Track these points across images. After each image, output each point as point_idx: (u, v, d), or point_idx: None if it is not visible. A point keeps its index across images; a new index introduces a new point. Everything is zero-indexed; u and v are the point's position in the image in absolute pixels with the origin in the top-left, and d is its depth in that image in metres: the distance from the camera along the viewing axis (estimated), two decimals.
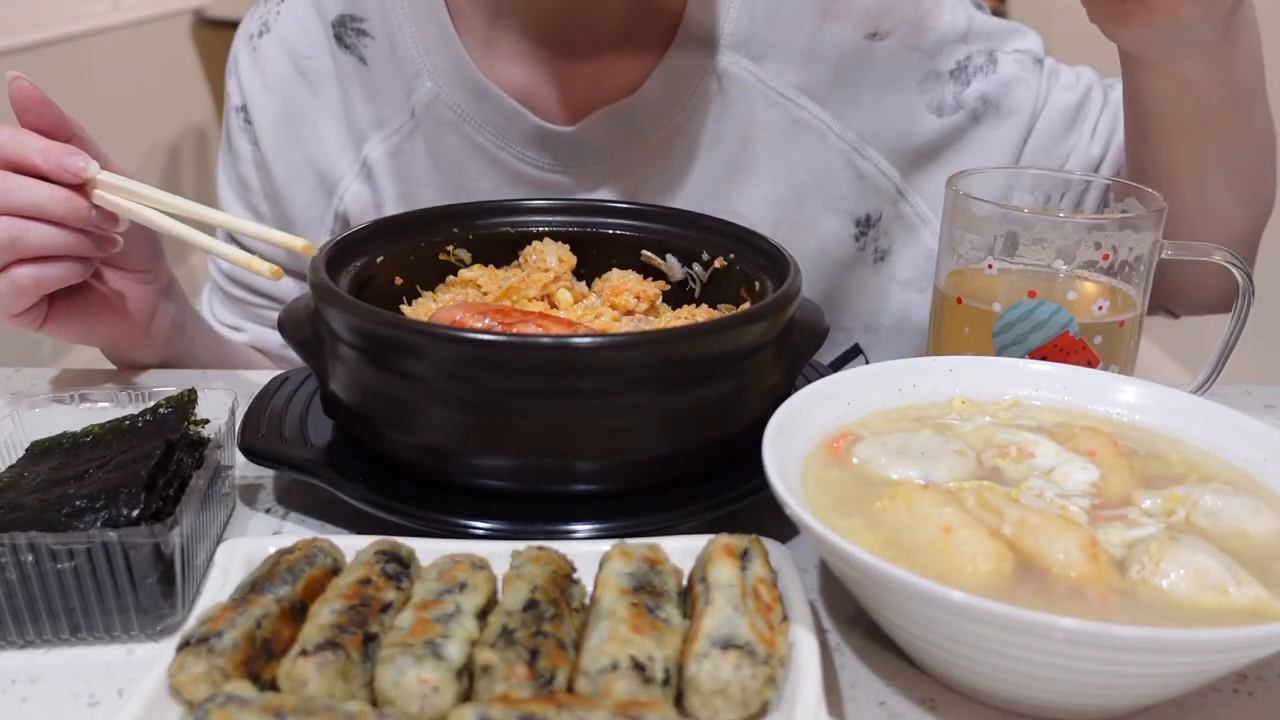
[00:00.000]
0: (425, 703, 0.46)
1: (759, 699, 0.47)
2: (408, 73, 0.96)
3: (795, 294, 0.70)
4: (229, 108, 1.03)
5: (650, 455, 0.64)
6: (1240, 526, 0.55)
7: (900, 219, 1.00)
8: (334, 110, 0.99)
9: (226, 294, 1.06)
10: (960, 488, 0.58)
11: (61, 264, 0.75)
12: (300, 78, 0.99)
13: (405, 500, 0.64)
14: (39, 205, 0.72)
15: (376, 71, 0.97)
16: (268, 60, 1.00)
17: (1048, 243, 0.73)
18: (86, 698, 0.53)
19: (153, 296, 0.86)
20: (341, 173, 0.99)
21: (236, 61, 1.03)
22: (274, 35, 1.00)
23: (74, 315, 0.80)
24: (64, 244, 0.74)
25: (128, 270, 0.84)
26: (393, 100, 0.97)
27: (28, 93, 0.74)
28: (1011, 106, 0.97)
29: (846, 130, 0.96)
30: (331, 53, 0.98)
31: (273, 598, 0.51)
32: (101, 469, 0.60)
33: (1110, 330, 0.73)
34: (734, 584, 0.51)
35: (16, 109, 0.74)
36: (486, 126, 0.95)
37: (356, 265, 0.76)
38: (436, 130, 0.96)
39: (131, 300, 0.84)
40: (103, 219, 0.75)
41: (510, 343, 0.63)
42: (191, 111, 3.77)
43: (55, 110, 0.75)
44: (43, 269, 0.74)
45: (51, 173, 0.73)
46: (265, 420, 0.71)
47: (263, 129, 1.00)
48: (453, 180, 0.98)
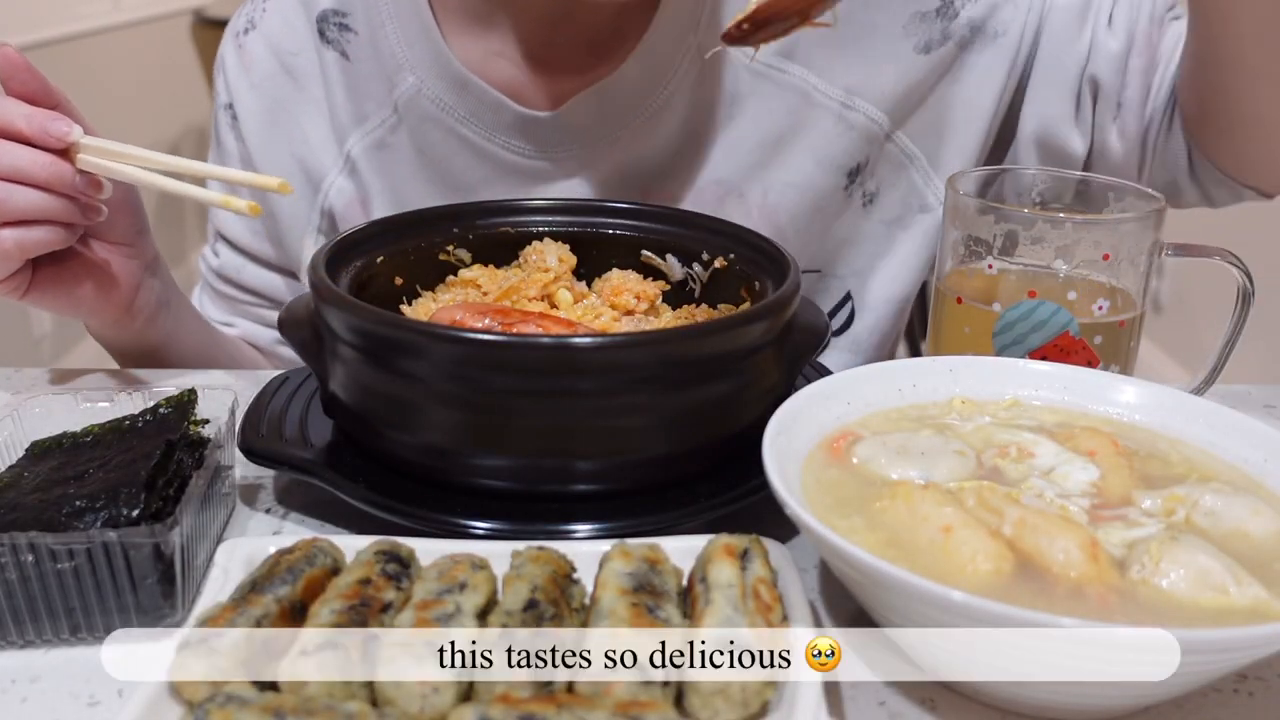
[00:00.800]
0: (425, 703, 0.46)
1: (759, 699, 0.47)
2: (390, 68, 0.96)
3: (795, 294, 0.70)
4: (217, 105, 1.04)
5: (650, 455, 0.64)
6: (1240, 526, 0.55)
7: (886, 159, 0.98)
8: (318, 106, 0.99)
9: (217, 291, 1.07)
10: (960, 488, 0.58)
11: (45, 228, 0.75)
12: (285, 74, 1.00)
13: (405, 500, 0.64)
14: (22, 169, 0.72)
15: (359, 67, 0.97)
16: (253, 58, 1.00)
17: (1047, 243, 0.73)
18: (86, 698, 0.53)
19: (137, 271, 0.86)
20: (326, 168, 1.00)
21: (224, 60, 1.03)
22: (260, 32, 1.00)
23: (58, 284, 0.80)
24: (47, 208, 0.74)
25: (112, 242, 0.84)
26: (375, 95, 0.97)
27: (13, 59, 0.74)
28: (998, 28, 0.94)
29: (833, 88, 0.95)
30: (316, 48, 0.99)
31: (273, 598, 0.51)
32: (101, 469, 0.60)
33: (1110, 330, 0.73)
34: (734, 584, 0.51)
35: (2, 76, 0.75)
36: (469, 118, 0.95)
37: (356, 265, 0.76)
38: (420, 124, 0.96)
39: (116, 272, 0.84)
40: (86, 184, 0.75)
41: (510, 343, 0.63)
42: (191, 111, 3.77)
43: (39, 78, 0.75)
44: (26, 232, 0.74)
45: (35, 137, 0.73)
46: (265, 420, 0.71)
47: (248, 126, 1.01)
48: (438, 173, 0.98)
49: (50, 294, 0.80)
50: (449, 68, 0.94)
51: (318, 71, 0.99)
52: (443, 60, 0.94)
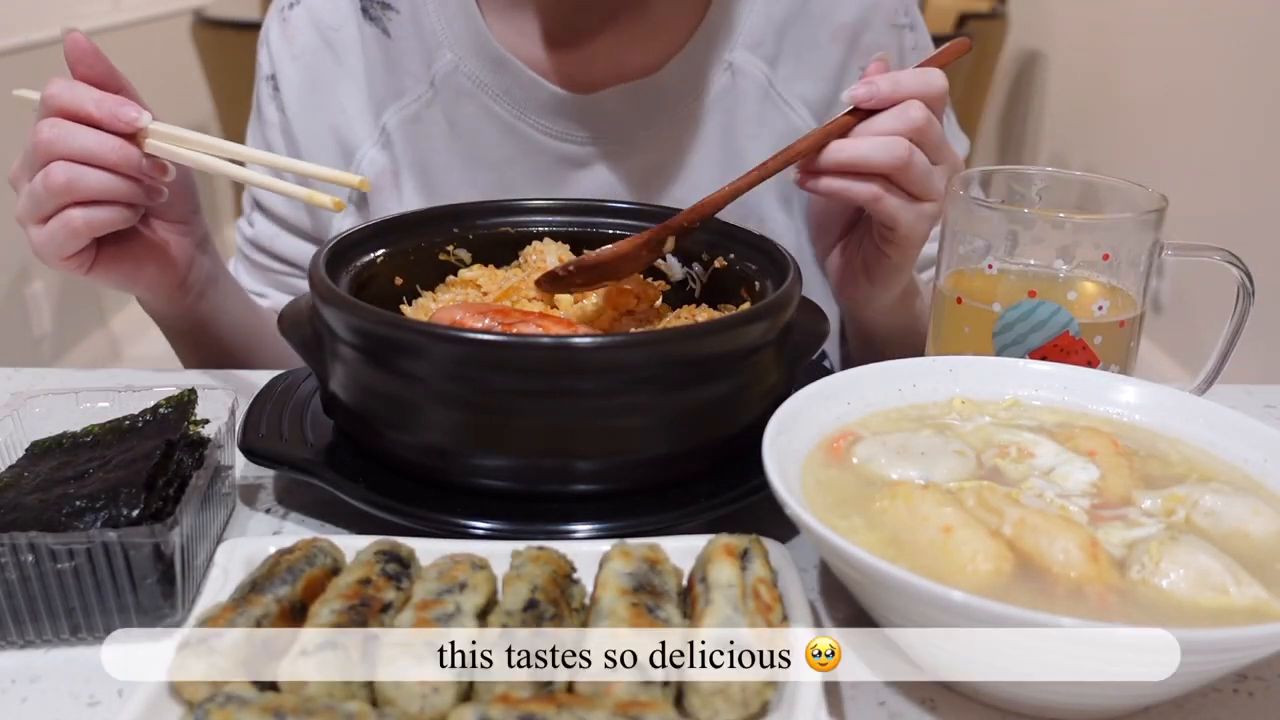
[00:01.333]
0: (425, 703, 0.46)
1: (759, 699, 0.47)
2: (429, 44, 0.99)
3: (795, 294, 0.70)
4: (259, 77, 1.07)
5: (650, 455, 0.64)
6: (1240, 526, 0.55)
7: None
8: (356, 80, 1.02)
9: (252, 261, 1.09)
10: (960, 488, 0.58)
11: (112, 208, 0.78)
12: (326, 48, 1.03)
13: (405, 500, 0.64)
14: (93, 151, 0.75)
15: (399, 44, 1.01)
16: (296, 30, 1.04)
17: (1047, 243, 0.73)
18: (86, 698, 0.53)
19: (191, 248, 0.89)
20: (360, 140, 1.02)
21: (268, 32, 1.07)
22: (303, 7, 1.04)
23: (120, 261, 0.83)
24: (115, 189, 0.77)
25: (170, 221, 0.87)
26: (413, 71, 1.00)
27: (80, 44, 0.77)
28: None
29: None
30: (358, 24, 1.02)
31: (273, 598, 0.51)
32: (101, 469, 0.60)
33: (1110, 330, 0.73)
34: (734, 584, 0.51)
35: (70, 60, 0.78)
36: (504, 96, 0.99)
37: (356, 265, 0.76)
38: (455, 99, 0.99)
39: (173, 250, 0.87)
40: (152, 168, 0.78)
41: (510, 343, 0.63)
42: (191, 111, 3.76)
43: (106, 62, 0.78)
44: (94, 211, 0.77)
45: (105, 121, 0.76)
46: (265, 420, 0.71)
47: (289, 96, 1.04)
48: (468, 148, 1.01)
49: (113, 270, 0.83)
50: (487, 46, 0.98)
51: (358, 46, 1.02)
52: (481, 38, 0.98)
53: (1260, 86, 2.80)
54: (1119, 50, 3.67)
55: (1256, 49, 2.82)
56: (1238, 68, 2.92)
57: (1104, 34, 3.79)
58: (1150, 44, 3.44)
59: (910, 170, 0.78)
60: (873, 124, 0.79)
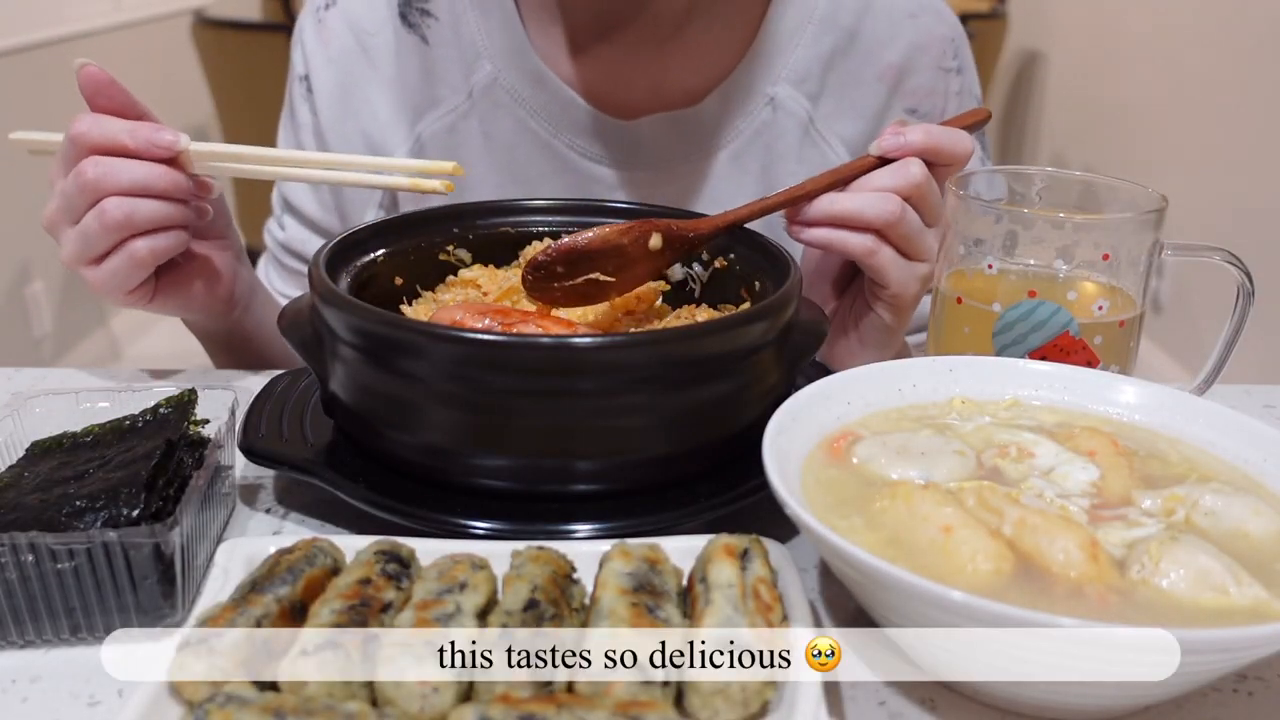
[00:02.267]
0: (425, 703, 0.46)
1: (759, 699, 0.47)
2: (468, 55, 0.99)
3: (795, 294, 0.70)
4: (292, 77, 1.07)
5: (650, 455, 0.64)
6: (1240, 526, 0.55)
7: None
8: (391, 86, 1.01)
9: (282, 265, 1.09)
10: (960, 488, 0.58)
11: (170, 233, 0.78)
12: (361, 52, 1.02)
13: (405, 500, 0.64)
14: (142, 182, 0.75)
15: (437, 52, 1.00)
16: (332, 33, 1.03)
17: (1047, 243, 0.73)
18: (86, 698, 0.53)
19: (233, 260, 0.90)
20: (393, 147, 1.02)
21: (302, 32, 1.06)
22: (339, 9, 1.03)
23: (178, 286, 0.84)
24: (170, 215, 0.77)
25: (211, 238, 0.88)
26: (451, 81, 1.00)
27: (96, 77, 0.77)
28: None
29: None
30: (395, 30, 1.01)
31: (273, 598, 0.51)
32: (101, 469, 0.60)
33: (1110, 330, 0.73)
34: (734, 584, 0.51)
35: (87, 94, 0.78)
36: (541, 112, 0.98)
37: (356, 265, 0.76)
38: (492, 112, 0.99)
39: (217, 264, 0.87)
40: (197, 187, 0.78)
41: (510, 343, 0.63)
42: (192, 111, 3.76)
43: (124, 92, 0.78)
44: (156, 240, 0.77)
45: (142, 151, 0.76)
46: (265, 420, 0.71)
47: (321, 99, 1.03)
48: (503, 162, 1.00)
49: (173, 296, 0.84)
50: (527, 59, 0.97)
51: (393, 52, 1.01)
52: (522, 52, 0.97)
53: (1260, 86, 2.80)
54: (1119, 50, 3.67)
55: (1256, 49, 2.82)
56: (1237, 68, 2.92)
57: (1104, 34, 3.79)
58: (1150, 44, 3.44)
59: (900, 227, 0.76)
60: (870, 179, 0.77)
